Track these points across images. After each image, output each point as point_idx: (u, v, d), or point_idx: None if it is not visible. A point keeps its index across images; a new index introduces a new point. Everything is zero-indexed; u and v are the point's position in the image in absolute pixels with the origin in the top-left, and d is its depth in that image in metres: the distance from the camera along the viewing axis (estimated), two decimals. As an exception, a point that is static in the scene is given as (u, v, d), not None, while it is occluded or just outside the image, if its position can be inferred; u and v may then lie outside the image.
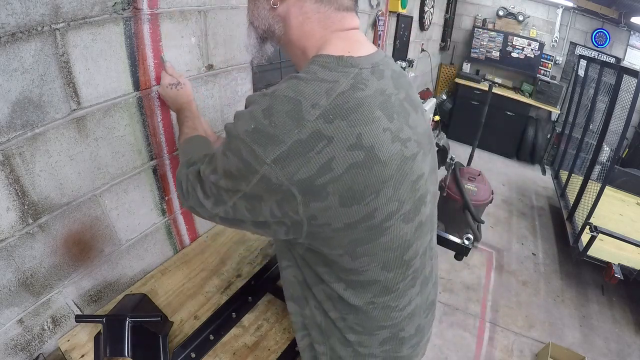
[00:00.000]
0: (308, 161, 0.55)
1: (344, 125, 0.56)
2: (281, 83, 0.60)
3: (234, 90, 1.28)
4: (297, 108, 0.55)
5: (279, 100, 0.56)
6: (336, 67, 0.60)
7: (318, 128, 0.54)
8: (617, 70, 2.94)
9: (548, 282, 3.11)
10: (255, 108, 0.58)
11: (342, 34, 0.67)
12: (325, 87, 0.57)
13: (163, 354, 0.88)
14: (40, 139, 0.77)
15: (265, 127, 0.55)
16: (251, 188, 0.59)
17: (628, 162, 4.69)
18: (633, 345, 2.61)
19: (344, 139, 0.55)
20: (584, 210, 3.00)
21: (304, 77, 0.59)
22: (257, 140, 0.55)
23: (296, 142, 0.54)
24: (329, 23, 0.66)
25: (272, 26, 0.70)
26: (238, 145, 0.58)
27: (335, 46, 0.65)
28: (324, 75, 0.59)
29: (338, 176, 0.56)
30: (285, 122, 0.55)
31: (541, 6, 5.22)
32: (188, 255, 1.26)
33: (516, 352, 2.44)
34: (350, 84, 0.59)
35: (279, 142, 0.54)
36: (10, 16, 0.65)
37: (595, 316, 2.82)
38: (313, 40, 0.67)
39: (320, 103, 0.55)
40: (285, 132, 0.54)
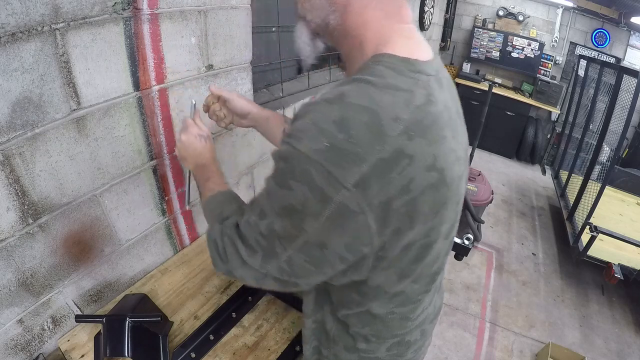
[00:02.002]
0: (389, 183, 0.48)
1: (423, 144, 0.49)
2: (343, 85, 0.51)
3: (234, 90, 1.28)
4: (376, 120, 0.47)
5: (353, 109, 0.47)
6: (406, 72, 0.52)
7: (400, 145, 0.47)
8: (617, 70, 2.94)
9: (548, 282, 3.11)
10: (322, 119, 0.48)
11: (404, 30, 0.59)
12: (402, 97, 0.49)
13: (163, 354, 0.88)
14: (40, 139, 0.77)
15: (342, 143, 0.46)
16: (320, 226, 0.49)
17: (628, 162, 4.69)
18: (633, 345, 2.61)
19: (423, 159, 0.50)
20: (584, 210, 3.00)
21: (374, 82, 0.50)
22: (334, 160, 0.46)
23: (379, 161, 0.46)
24: (390, 10, 0.58)
25: (327, 17, 0.61)
26: (306, 169, 0.47)
27: (398, 44, 0.56)
28: (396, 82, 0.51)
29: (413, 198, 0.51)
30: (366, 137, 0.46)
31: (541, 6, 5.22)
32: (188, 255, 1.26)
33: (516, 352, 2.44)
34: (424, 95, 0.52)
35: (360, 161, 0.46)
36: (10, 16, 0.65)
37: (595, 316, 2.82)
38: (373, 30, 0.58)
39: (402, 117, 0.48)
40: (366, 149, 0.46)
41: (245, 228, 0.58)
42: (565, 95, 5.09)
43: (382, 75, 0.51)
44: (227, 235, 0.62)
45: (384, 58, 0.54)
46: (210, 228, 0.68)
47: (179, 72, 1.04)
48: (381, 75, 0.51)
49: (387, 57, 0.54)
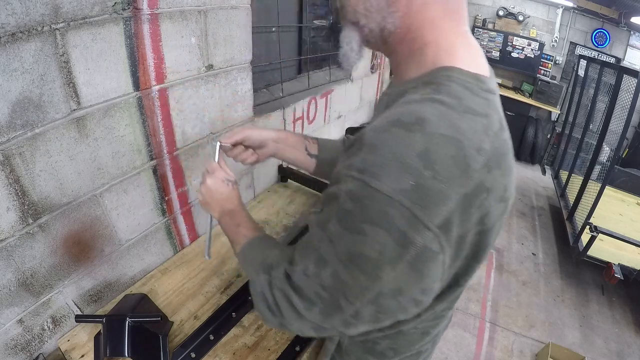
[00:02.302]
0: (468, 218, 0.45)
1: (499, 175, 0.46)
2: (416, 105, 0.45)
3: (234, 90, 1.28)
4: (462, 153, 0.42)
5: (438, 140, 0.42)
6: (479, 92, 0.48)
7: (482, 179, 0.44)
8: (617, 70, 2.94)
9: (548, 282, 3.11)
10: (404, 152, 0.42)
11: (464, 34, 0.54)
12: (481, 123, 0.45)
13: (163, 354, 0.88)
14: (40, 139, 0.77)
15: (429, 180, 0.41)
16: (398, 273, 0.44)
17: (628, 162, 4.70)
18: (633, 345, 2.61)
19: (498, 191, 0.47)
20: (584, 210, 3.00)
21: (453, 105, 0.44)
22: (419, 200, 0.41)
23: (463, 197, 0.43)
24: (450, 8, 0.52)
25: (385, 19, 0.53)
26: (385, 211, 0.42)
27: (464, 55, 0.51)
28: (473, 104, 0.46)
29: (485, 230, 0.48)
30: (452, 172, 0.42)
31: (541, 6, 5.22)
32: (188, 255, 1.26)
33: (516, 352, 2.44)
34: (498, 120, 0.48)
35: (446, 199, 0.42)
36: (10, 16, 0.65)
37: (595, 316, 2.82)
38: (434, 32, 0.52)
39: (485, 147, 0.44)
40: (452, 186, 0.42)
41: (300, 279, 0.51)
42: (565, 95, 5.09)
43: (459, 96, 0.46)
44: (278, 287, 0.55)
45: (454, 73, 0.48)
46: (255, 279, 0.61)
47: (179, 72, 1.04)
48: (458, 96, 0.46)
49: (458, 73, 0.48)
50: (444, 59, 0.50)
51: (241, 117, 1.35)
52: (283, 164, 1.68)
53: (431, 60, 0.51)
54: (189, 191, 1.24)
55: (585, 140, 3.71)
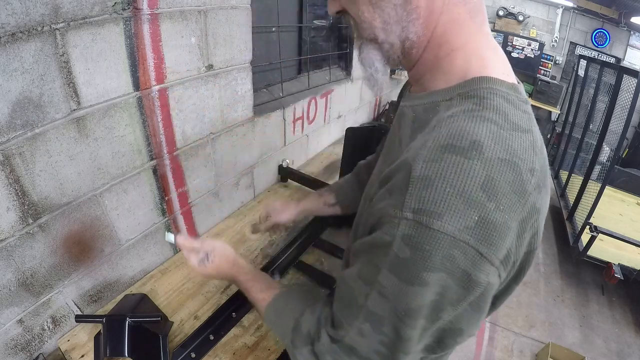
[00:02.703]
0: (522, 243, 0.42)
1: (544, 193, 0.43)
2: (467, 125, 0.41)
3: (234, 90, 1.28)
4: (518, 177, 0.39)
5: (497, 166, 0.38)
6: (519, 105, 0.44)
7: (534, 201, 0.41)
8: (617, 70, 2.94)
9: (548, 282, 3.11)
10: (466, 184, 0.38)
11: (489, 38, 0.50)
12: (528, 141, 0.42)
13: (163, 354, 0.88)
14: (40, 139, 0.77)
15: (493, 213, 0.38)
16: (459, 313, 0.42)
17: (628, 162, 4.70)
18: (633, 345, 2.61)
19: (544, 210, 0.44)
20: (584, 210, 3.00)
21: (501, 123, 0.41)
22: (484, 236, 0.38)
23: (520, 224, 0.40)
24: (473, 8, 0.48)
25: (406, 29, 0.48)
26: (449, 254, 0.38)
27: (495, 62, 0.47)
28: (517, 119, 0.42)
29: (533, 250, 0.46)
30: (512, 201, 0.39)
31: (541, 6, 5.23)
32: (188, 255, 1.26)
33: (516, 352, 2.44)
34: (538, 134, 0.45)
35: (508, 230, 0.39)
36: (10, 16, 0.65)
37: (595, 316, 2.82)
38: (461, 35, 0.47)
39: (536, 167, 0.41)
40: (512, 214, 0.39)
41: (355, 341, 0.48)
42: (565, 95, 5.10)
43: (504, 112, 0.42)
44: (327, 354, 0.51)
45: (495, 85, 0.44)
46: (295, 353, 0.57)
47: (179, 72, 1.04)
48: (503, 111, 0.42)
49: (499, 84, 0.44)
50: (477, 67, 0.46)
51: (241, 117, 1.35)
52: (283, 164, 1.68)
53: (462, 69, 0.47)
54: (189, 191, 1.24)
55: (585, 140, 3.71)
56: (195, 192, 1.26)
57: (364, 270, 0.46)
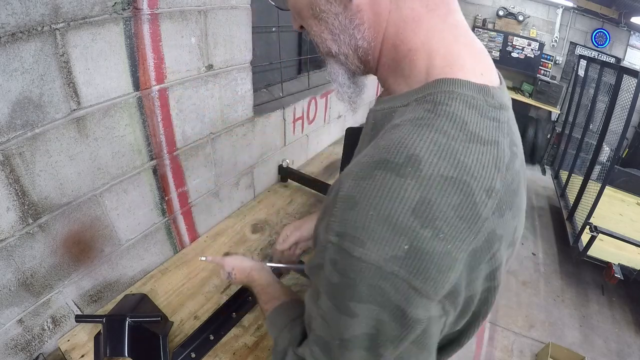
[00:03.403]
0: (477, 276, 0.37)
1: (510, 217, 0.38)
2: (407, 136, 0.36)
3: (234, 90, 1.28)
4: (468, 199, 0.33)
5: (437, 185, 0.33)
6: (488, 111, 0.38)
7: (493, 227, 0.35)
8: (617, 70, 2.94)
9: (548, 282, 3.11)
10: (394, 208, 0.33)
11: (459, 28, 0.43)
12: (491, 154, 0.36)
13: (163, 354, 0.88)
14: (40, 139, 0.77)
15: (429, 242, 0.32)
16: (403, 350, 0.38)
17: (628, 162, 4.70)
18: (633, 345, 2.61)
19: (508, 236, 0.38)
20: (584, 210, 3.00)
21: (453, 133, 0.35)
22: (418, 268, 0.33)
23: (471, 254, 0.34)
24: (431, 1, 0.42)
25: (354, 37, 0.45)
26: (376, 285, 0.34)
27: (465, 62, 0.41)
28: (479, 129, 0.36)
29: (496, 286, 0.41)
30: (457, 228, 0.33)
31: (541, 6, 5.22)
32: (188, 255, 1.26)
33: (516, 352, 2.44)
34: (509, 145, 0.38)
35: (452, 262, 0.33)
36: (10, 16, 0.65)
37: (595, 316, 2.82)
38: (423, 34, 0.42)
39: (496, 186, 0.35)
40: (459, 244, 0.33)
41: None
42: (565, 95, 5.10)
43: (463, 119, 0.36)
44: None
45: (456, 87, 0.38)
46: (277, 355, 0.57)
47: (179, 72, 1.04)
48: (461, 118, 0.36)
49: (461, 86, 0.38)
50: (440, 68, 0.40)
51: (241, 117, 1.35)
52: (283, 164, 1.68)
53: (423, 70, 0.42)
54: (189, 191, 1.24)
55: (585, 140, 3.71)
56: (195, 192, 1.26)
57: (312, 291, 0.44)
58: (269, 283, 0.76)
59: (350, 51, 0.46)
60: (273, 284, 0.76)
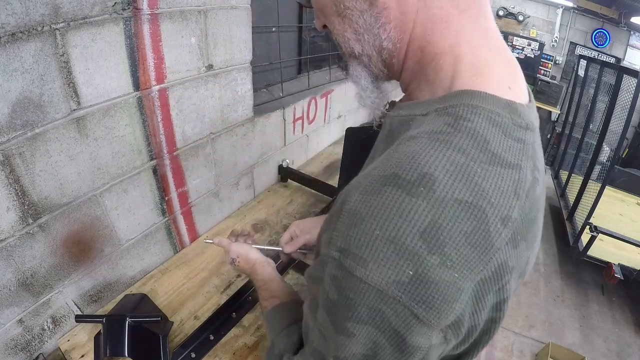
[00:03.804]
0: (483, 307, 0.34)
1: (523, 248, 0.35)
2: (423, 152, 0.33)
3: (234, 90, 1.28)
4: (482, 227, 0.31)
5: (449, 209, 0.31)
6: (513, 131, 0.35)
7: (505, 258, 0.33)
8: (617, 70, 2.94)
9: (548, 282, 3.11)
10: (401, 230, 0.31)
11: (491, 35, 0.41)
12: (511, 179, 0.33)
13: (163, 354, 0.88)
14: (40, 139, 0.77)
15: (435, 269, 0.31)
16: None
17: (628, 162, 4.70)
18: (633, 345, 2.61)
19: (520, 267, 0.36)
20: (584, 210, 3.00)
21: (473, 153, 0.33)
22: (422, 296, 0.31)
23: (478, 285, 0.33)
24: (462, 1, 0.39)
25: (379, 37, 0.42)
26: (377, 308, 0.33)
27: (493, 72, 0.38)
28: (502, 150, 0.34)
29: (500, 317, 0.38)
30: (467, 256, 0.31)
31: (541, 6, 5.23)
32: (188, 255, 1.26)
33: (516, 352, 2.44)
34: (531, 171, 0.35)
35: (457, 293, 0.32)
36: (10, 16, 0.65)
37: (595, 316, 2.82)
38: (452, 36, 0.39)
39: (512, 215, 0.33)
40: (466, 273, 0.31)
41: None
42: (565, 95, 5.10)
43: (485, 138, 0.33)
44: None
45: (481, 102, 0.35)
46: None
47: (179, 72, 1.04)
48: (483, 137, 0.34)
49: (486, 101, 0.35)
50: (466, 77, 0.38)
51: (241, 117, 1.35)
52: (283, 164, 1.68)
53: (449, 77, 0.39)
54: (189, 191, 1.24)
55: (585, 140, 3.72)
56: (195, 192, 1.26)
57: (311, 300, 0.42)
58: (271, 279, 0.75)
59: (375, 52, 0.44)
60: (275, 281, 0.74)
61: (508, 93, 0.37)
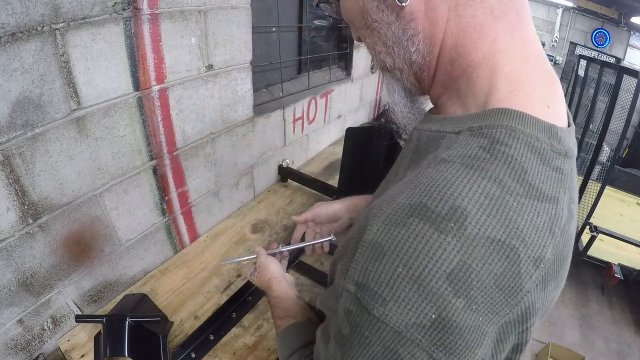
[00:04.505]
0: (503, 349, 0.33)
1: (552, 288, 0.33)
2: (455, 181, 0.31)
3: (234, 90, 1.28)
4: (512, 269, 0.29)
5: (480, 249, 0.29)
6: (552, 159, 0.32)
7: (533, 301, 0.31)
8: (617, 70, 2.94)
9: (548, 282, 3.12)
10: (427, 270, 0.29)
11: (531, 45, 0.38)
12: (547, 215, 0.31)
13: (163, 354, 0.88)
14: (40, 139, 0.77)
15: (460, 313, 0.29)
16: None
17: (628, 162, 4.70)
18: (633, 345, 2.61)
19: (544, 308, 0.34)
20: (584, 210, 3.00)
21: (510, 184, 0.30)
22: (444, 342, 0.29)
23: (502, 327, 0.31)
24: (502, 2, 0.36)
25: (408, 50, 0.40)
26: (395, 349, 0.30)
27: (532, 88, 0.35)
28: (540, 181, 0.31)
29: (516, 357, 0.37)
30: (495, 300, 0.29)
31: (541, 6, 5.23)
32: (188, 255, 1.26)
33: (516, 352, 2.44)
34: (567, 204, 0.33)
35: (480, 337, 0.30)
36: (10, 16, 0.65)
37: (595, 316, 2.82)
38: (487, 46, 0.36)
39: (546, 256, 0.30)
40: (490, 318, 0.29)
41: None
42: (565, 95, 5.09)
43: (523, 167, 0.31)
44: None
45: (520, 123, 0.32)
46: None
47: (179, 72, 1.04)
48: (521, 165, 0.31)
49: (526, 124, 0.32)
50: (503, 93, 0.35)
51: (241, 117, 1.35)
52: (283, 164, 1.68)
53: (483, 92, 0.36)
54: (189, 191, 1.24)
55: (585, 140, 3.71)
56: (195, 192, 1.27)
57: (324, 327, 0.41)
58: (287, 297, 0.72)
59: (406, 67, 0.42)
60: (290, 298, 0.71)
61: (547, 113, 0.34)
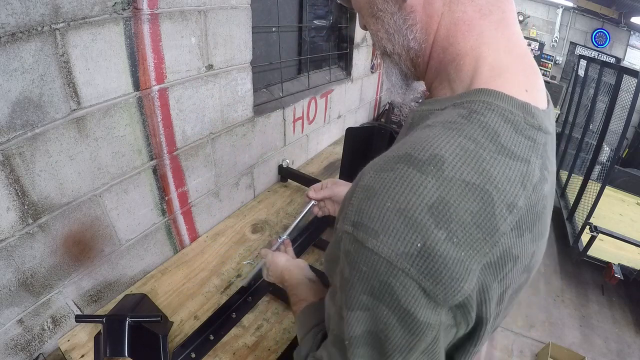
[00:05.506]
0: (490, 297, 0.36)
1: (528, 239, 0.36)
2: (435, 136, 0.35)
3: (234, 90, 1.28)
4: (488, 209, 0.33)
5: (456, 187, 0.32)
6: (525, 129, 0.37)
7: (509, 245, 0.34)
8: (617, 70, 2.94)
9: (548, 282, 3.11)
10: (411, 203, 0.32)
11: (515, 40, 0.43)
12: (519, 171, 0.35)
13: (163, 354, 0.88)
14: (40, 139, 0.77)
15: (442, 244, 0.32)
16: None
17: (628, 162, 4.70)
18: (633, 345, 2.61)
19: (524, 259, 0.37)
20: (584, 210, 3.00)
21: (482, 142, 0.34)
22: (430, 270, 0.32)
23: (484, 268, 0.34)
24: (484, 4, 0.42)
25: (406, 38, 0.46)
26: (386, 282, 0.33)
27: (513, 75, 0.40)
28: (512, 144, 0.35)
29: (502, 310, 0.40)
30: (473, 236, 0.32)
31: (541, 6, 5.23)
32: (188, 255, 1.26)
33: (516, 352, 2.44)
34: (539, 168, 0.37)
35: (465, 272, 0.32)
36: (10, 16, 0.65)
37: (595, 316, 2.82)
38: (473, 38, 0.42)
39: (519, 204, 0.34)
40: (472, 253, 0.32)
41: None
42: (565, 95, 5.10)
43: (496, 131, 0.35)
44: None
45: (495, 99, 0.37)
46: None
47: (179, 72, 1.04)
48: (494, 130, 0.35)
49: (501, 99, 0.37)
50: (486, 77, 0.40)
51: (241, 117, 1.35)
52: (283, 164, 1.68)
53: (469, 77, 0.41)
54: (189, 191, 1.24)
55: (585, 140, 3.72)
56: (195, 192, 1.27)
57: (332, 289, 0.44)
58: (298, 283, 0.74)
59: (403, 52, 0.48)
60: (303, 283, 0.74)
61: (524, 95, 0.39)
